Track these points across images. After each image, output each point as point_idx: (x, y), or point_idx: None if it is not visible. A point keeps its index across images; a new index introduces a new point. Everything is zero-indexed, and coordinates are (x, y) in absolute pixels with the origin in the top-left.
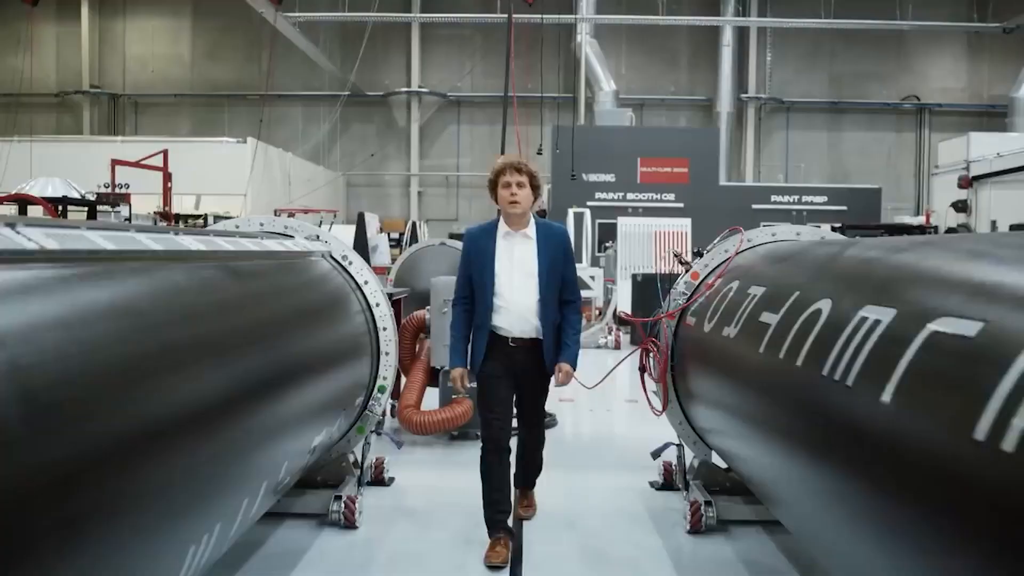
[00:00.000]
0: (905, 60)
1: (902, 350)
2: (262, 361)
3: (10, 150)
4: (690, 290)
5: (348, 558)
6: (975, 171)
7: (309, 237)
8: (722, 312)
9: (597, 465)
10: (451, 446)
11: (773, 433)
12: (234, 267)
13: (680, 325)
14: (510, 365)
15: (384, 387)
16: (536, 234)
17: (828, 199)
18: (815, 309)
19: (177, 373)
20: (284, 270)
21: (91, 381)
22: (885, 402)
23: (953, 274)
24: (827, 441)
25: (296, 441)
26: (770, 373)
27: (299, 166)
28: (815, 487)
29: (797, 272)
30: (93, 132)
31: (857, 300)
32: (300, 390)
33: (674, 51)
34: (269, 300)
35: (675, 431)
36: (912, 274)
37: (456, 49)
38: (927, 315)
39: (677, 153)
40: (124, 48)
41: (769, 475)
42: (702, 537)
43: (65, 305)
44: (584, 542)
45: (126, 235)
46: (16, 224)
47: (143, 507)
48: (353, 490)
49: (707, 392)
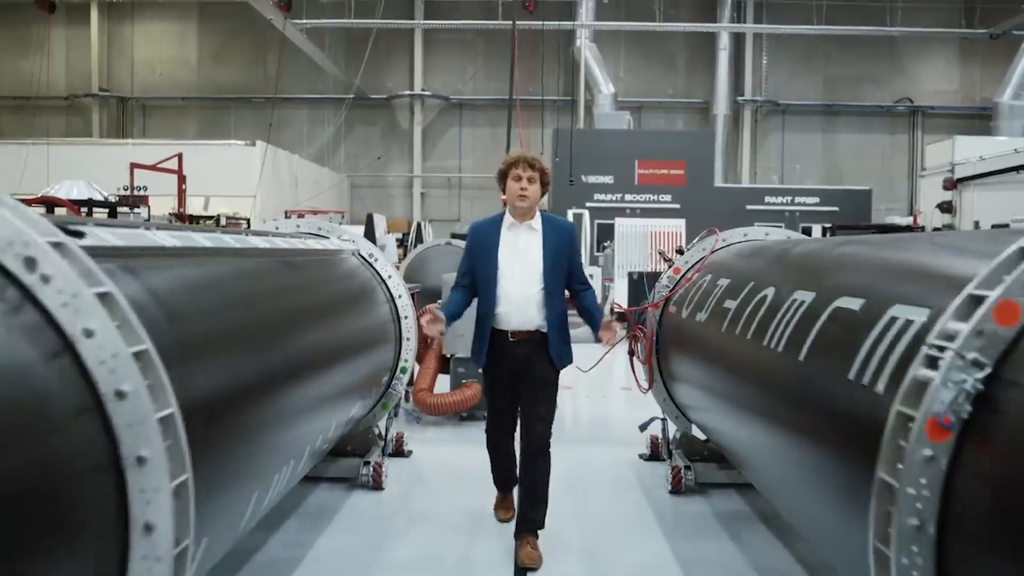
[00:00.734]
0: (898, 63)
1: (814, 322)
2: (317, 338)
3: (28, 153)
4: (672, 283)
5: (377, 514)
6: (959, 173)
7: (340, 237)
8: (696, 301)
9: (593, 441)
10: (461, 426)
11: (734, 401)
12: (291, 261)
13: (663, 314)
14: (513, 362)
15: (405, 368)
16: (542, 227)
17: (820, 200)
18: (763, 295)
19: (258, 343)
20: (326, 265)
21: (216, 340)
22: (800, 361)
23: (862, 264)
24: (769, 402)
25: (338, 412)
26: (729, 350)
27: (305, 168)
28: (764, 443)
29: (755, 266)
30: (102, 134)
31: (791, 286)
32: (343, 367)
33: (672, 55)
34: (319, 289)
35: (660, 407)
36: (833, 265)
37: (458, 53)
38: (833, 295)
39: (674, 155)
40: (132, 52)
41: (732, 437)
42: (682, 497)
43: (203, 282)
44: (579, 503)
45: (215, 235)
46: (151, 227)
47: (220, 455)
48: (379, 458)
49: (685, 371)
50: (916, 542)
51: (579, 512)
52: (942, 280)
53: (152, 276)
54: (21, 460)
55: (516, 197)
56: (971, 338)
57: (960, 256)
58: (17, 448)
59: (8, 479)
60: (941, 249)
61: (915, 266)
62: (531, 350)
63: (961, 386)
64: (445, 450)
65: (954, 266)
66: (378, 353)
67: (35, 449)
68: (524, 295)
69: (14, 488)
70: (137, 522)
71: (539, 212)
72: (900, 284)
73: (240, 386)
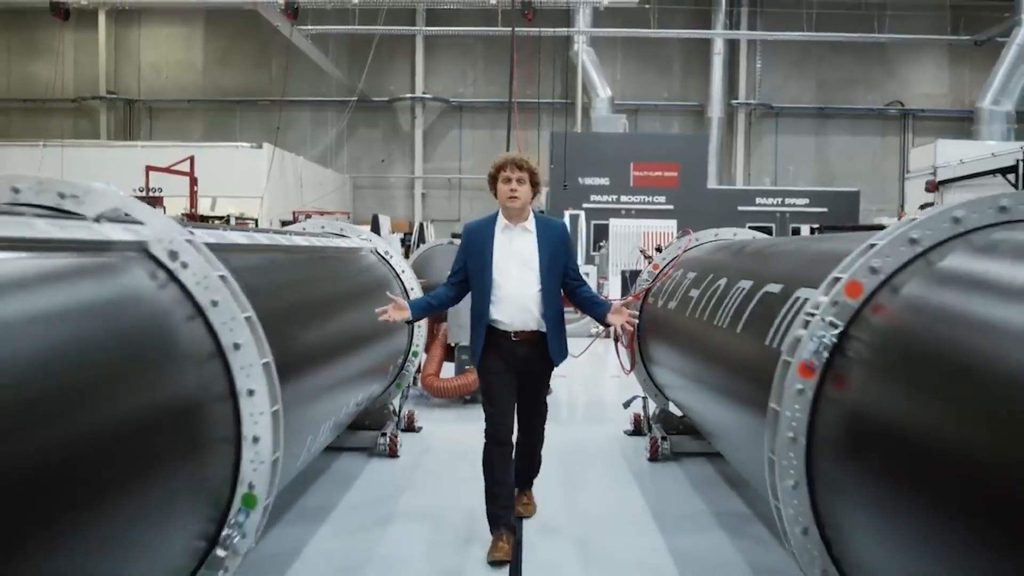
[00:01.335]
0: (889, 67)
1: (749, 304)
2: (350, 320)
3: (43, 155)
4: (651, 277)
5: (393, 478)
6: (941, 176)
7: (360, 236)
8: (668, 292)
9: (583, 421)
10: (465, 408)
11: (696, 374)
12: (327, 256)
13: (644, 304)
14: (512, 361)
15: (417, 352)
16: (536, 227)
17: (810, 201)
18: (717, 284)
19: (309, 319)
20: (351, 260)
21: (282, 313)
22: (737, 334)
23: (789, 258)
24: (718, 371)
25: (364, 385)
26: (692, 332)
27: (310, 169)
28: (715, 405)
29: (716, 261)
30: (110, 136)
31: (737, 277)
32: (368, 347)
33: (667, 59)
34: (348, 279)
35: (641, 387)
36: (771, 259)
37: (458, 57)
38: (764, 282)
39: (668, 158)
40: (139, 55)
41: (696, 407)
42: (659, 464)
43: (267, 269)
44: (568, 471)
45: (269, 234)
46: (226, 229)
47: (292, 398)
48: (394, 430)
49: (660, 353)
50: (792, 449)
51: (568, 479)
52: (833, 267)
53: (237, 263)
54: (172, 390)
55: (507, 199)
56: (829, 307)
57: (853, 249)
58: (169, 382)
59: (164, 402)
60: (847, 243)
61: (823, 258)
62: (532, 349)
63: (821, 340)
64: (450, 427)
65: (843, 256)
66: (395, 338)
67: (181, 382)
68: (523, 296)
69: (169, 408)
70: (247, 436)
71: (532, 213)
72: (808, 272)
73: (299, 351)
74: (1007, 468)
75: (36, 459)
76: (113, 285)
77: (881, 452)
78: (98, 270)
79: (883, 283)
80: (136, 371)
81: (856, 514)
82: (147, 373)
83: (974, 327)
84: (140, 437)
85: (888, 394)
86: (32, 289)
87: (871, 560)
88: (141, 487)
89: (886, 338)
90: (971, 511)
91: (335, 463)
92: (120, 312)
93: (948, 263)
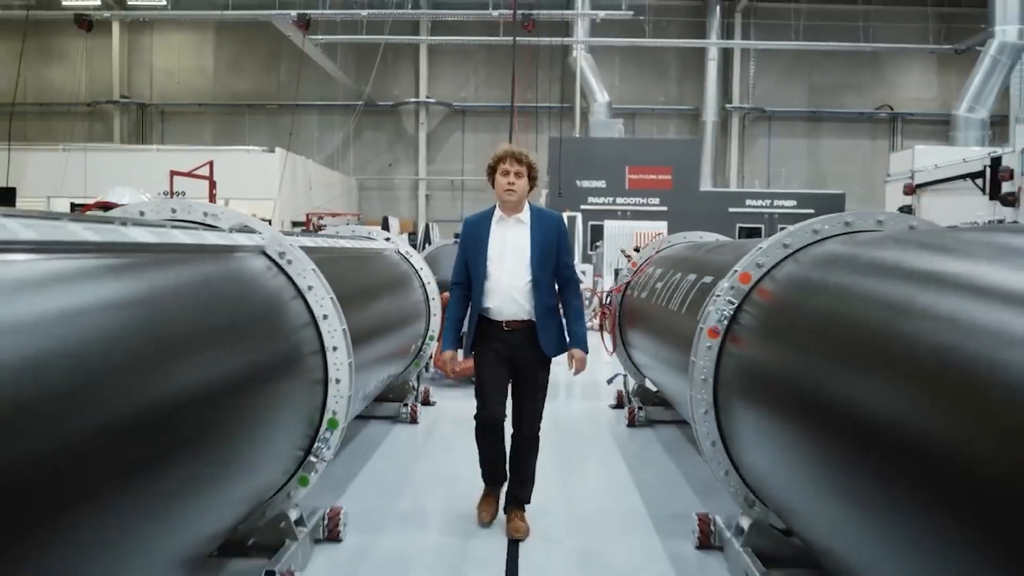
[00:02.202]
0: (879, 72)
1: (691, 292)
2: (386, 307)
3: (67, 158)
4: (631, 273)
5: (413, 440)
6: (918, 180)
7: (384, 238)
8: (642, 285)
9: (574, 397)
10: (472, 387)
11: (658, 352)
12: (366, 256)
13: (624, 296)
14: (504, 350)
15: (433, 337)
16: (530, 219)
17: (797, 203)
18: (675, 278)
19: (361, 304)
20: (382, 259)
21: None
22: (682, 314)
23: (727, 255)
24: (671, 348)
25: (395, 363)
26: (656, 318)
27: (320, 172)
28: (671, 375)
29: (679, 258)
30: (123, 139)
31: (689, 272)
32: (399, 330)
33: (664, 65)
34: (382, 274)
35: (622, 366)
36: (715, 257)
37: (461, 63)
38: (704, 275)
39: (662, 162)
40: (151, 61)
41: (663, 380)
42: (635, 429)
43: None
44: (560, 435)
45: (322, 236)
46: (293, 233)
47: (357, 360)
48: (414, 402)
49: (635, 337)
50: (704, 388)
51: (560, 442)
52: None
53: (314, 259)
54: (285, 345)
55: (504, 191)
56: (728, 290)
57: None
58: (283, 340)
59: (281, 353)
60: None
61: (740, 255)
62: (523, 339)
63: (722, 312)
64: (460, 402)
65: None
66: (416, 324)
67: (291, 340)
68: (513, 286)
69: (285, 357)
70: (332, 379)
71: (528, 205)
72: (729, 266)
73: (357, 326)
74: (823, 382)
75: (213, 382)
76: (244, 274)
77: (760, 386)
78: (234, 264)
79: (765, 274)
80: (262, 333)
81: (744, 429)
82: (269, 334)
83: (823, 301)
84: (268, 376)
85: (764, 348)
86: (199, 276)
87: (753, 459)
88: (266, 411)
89: (765, 311)
90: (803, 412)
91: (364, 430)
92: (251, 292)
93: (806, 260)
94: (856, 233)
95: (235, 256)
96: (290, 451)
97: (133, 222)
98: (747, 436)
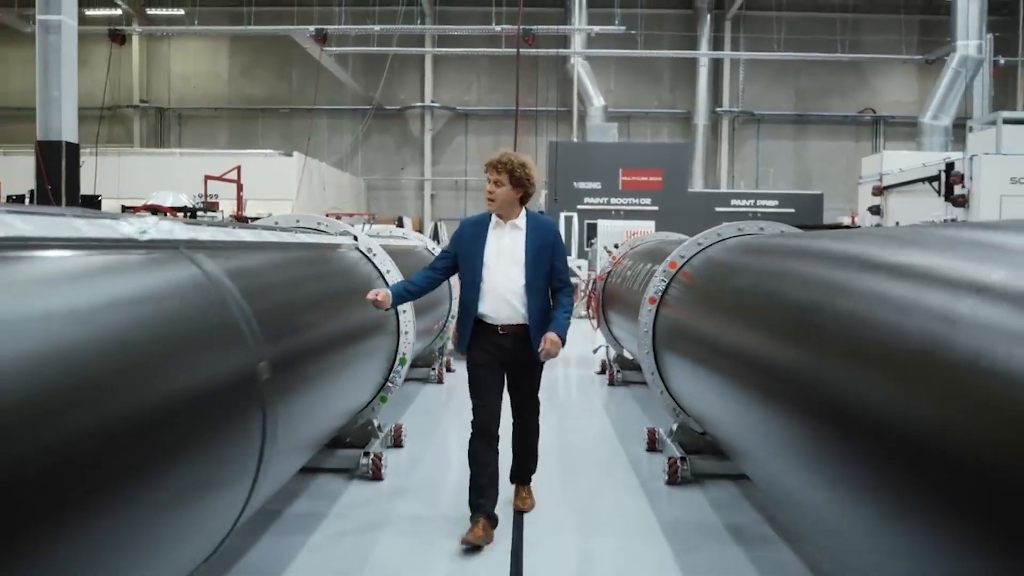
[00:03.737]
0: (862, 77)
1: (650, 277)
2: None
3: (99, 161)
4: (611, 265)
5: (438, 396)
6: (885, 182)
7: (411, 238)
8: (618, 273)
9: (566, 366)
10: None
11: (624, 323)
12: (412, 251)
13: (606, 282)
14: (500, 354)
15: (454, 316)
16: (526, 225)
17: (779, 203)
18: (641, 267)
19: None
20: (416, 254)
21: None
22: (637, 291)
23: (673, 247)
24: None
25: (428, 336)
26: (624, 297)
27: (332, 174)
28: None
29: (647, 252)
30: (142, 143)
31: (649, 262)
32: (433, 309)
33: (657, 71)
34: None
35: (604, 339)
36: (664, 250)
37: (464, 69)
38: (658, 263)
39: (653, 164)
40: (169, 66)
41: (627, 341)
42: (615, 388)
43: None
44: (555, 393)
45: (371, 229)
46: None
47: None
48: (439, 368)
49: (612, 313)
50: (646, 337)
51: (555, 398)
52: None
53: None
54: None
55: (486, 200)
56: (661, 272)
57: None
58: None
59: (372, 317)
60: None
61: None
62: (518, 343)
63: (657, 287)
64: None
65: None
66: (442, 305)
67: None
68: (507, 290)
69: (375, 319)
70: (403, 331)
71: (525, 211)
72: None
73: None
74: (720, 329)
75: (334, 332)
76: (346, 264)
77: (680, 335)
78: (340, 257)
79: (685, 262)
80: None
81: (672, 363)
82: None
83: (718, 277)
84: (366, 328)
85: (683, 310)
86: (322, 263)
87: (678, 383)
88: (364, 353)
89: (684, 286)
90: (707, 349)
91: (405, 387)
92: (352, 274)
93: (712, 253)
94: (744, 236)
95: (340, 251)
96: (376, 379)
97: (281, 229)
98: (674, 368)
